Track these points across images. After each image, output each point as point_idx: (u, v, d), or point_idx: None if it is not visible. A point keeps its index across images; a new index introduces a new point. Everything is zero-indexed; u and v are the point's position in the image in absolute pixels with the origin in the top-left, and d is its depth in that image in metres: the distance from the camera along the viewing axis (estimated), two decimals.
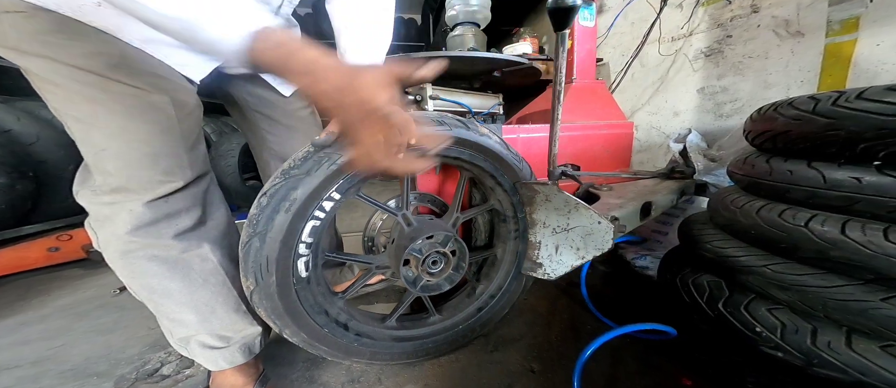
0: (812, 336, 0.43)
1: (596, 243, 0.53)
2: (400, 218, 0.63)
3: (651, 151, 1.57)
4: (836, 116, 0.42)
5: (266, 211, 0.46)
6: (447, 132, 0.54)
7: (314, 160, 0.47)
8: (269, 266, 0.47)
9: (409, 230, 0.62)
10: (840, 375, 0.40)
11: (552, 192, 0.58)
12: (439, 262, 0.62)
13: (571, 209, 0.56)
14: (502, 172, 0.64)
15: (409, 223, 0.63)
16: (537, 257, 0.64)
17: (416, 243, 0.58)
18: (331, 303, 0.59)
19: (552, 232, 0.60)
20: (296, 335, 0.53)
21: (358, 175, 0.50)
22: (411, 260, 0.59)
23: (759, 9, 1.11)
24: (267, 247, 0.46)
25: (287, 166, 0.47)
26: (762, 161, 0.54)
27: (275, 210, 0.46)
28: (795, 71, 1.03)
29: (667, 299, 0.69)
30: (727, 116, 1.24)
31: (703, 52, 1.31)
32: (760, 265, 0.49)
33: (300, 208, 0.47)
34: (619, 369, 0.66)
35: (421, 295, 0.65)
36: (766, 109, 0.55)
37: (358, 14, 0.58)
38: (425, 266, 0.60)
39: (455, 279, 0.65)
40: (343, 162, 0.46)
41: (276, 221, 0.46)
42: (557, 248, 0.60)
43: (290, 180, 0.46)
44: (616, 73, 1.66)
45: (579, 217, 0.55)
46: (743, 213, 0.53)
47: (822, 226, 0.42)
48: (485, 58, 0.99)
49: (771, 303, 0.49)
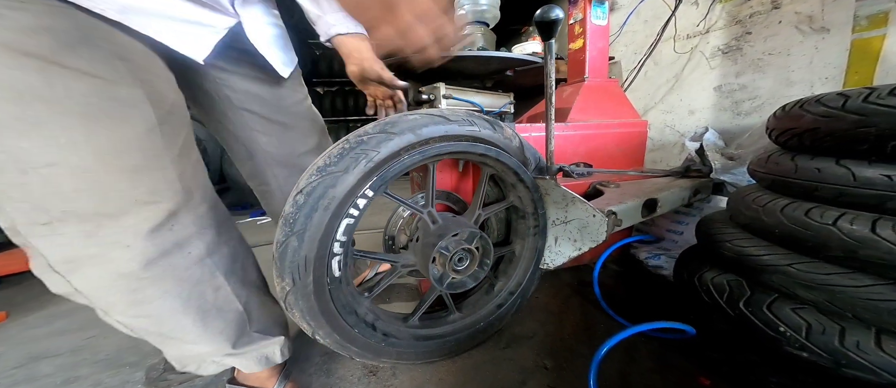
0: (840, 337, 0.42)
1: (591, 235, 0.55)
2: (425, 215, 0.63)
3: (665, 149, 1.54)
4: (867, 113, 0.41)
5: (304, 209, 0.45)
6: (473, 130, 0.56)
7: (352, 157, 0.46)
8: (307, 266, 0.47)
9: (435, 228, 0.62)
10: (870, 376, 0.40)
11: (550, 186, 0.60)
12: (465, 259, 0.62)
13: (568, 203, 0.58)
14: (525, 170, 0.64)
15: (434, 221, 0.63)
16: None
17: (443, 241, 0.58)
18: (359, 302, 0.59)
19: (552, 224, 0.62)
20: (329, 335, 0.53)
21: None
22: (438, 258, 0.59)
23: (780, 5, 1.09)
24: (305, 246, 0.45)
25: (323, 163, 0.46)
26: (787, 159, 0.53)
27: (313, 209, 0.45)
28: (820, 67, 1.00)
29: (683, 298, 0.69)
30: (746, 114, 1.21)
31: (720, 50, 1.28)
32: (785, 264, 0.48)
33: (338, 206, 0.46)
34: (634, 367, 0.65)
35: (444, 293, 0.65)
36: (791, 107, 0.54)
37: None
38: (452, 264, 0.60)
39: (479, 276, 0.65)
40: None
41: (314, 219, 0.45)
42: (556, 239, 0.61)
43: (327, 178, 0.45)
44: (629, 71, 1.63)
45: (576, 210, 0.57)
46: (766, 211, 0.53)
47: (852, 224, 0.41)
48: (499, 57, 0.99)
49: (795, 303, 0.48)
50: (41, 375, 0.73)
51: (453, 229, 0.60)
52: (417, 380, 0.65)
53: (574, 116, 1.03)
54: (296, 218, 0.45)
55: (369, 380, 0.66)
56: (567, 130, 0.97)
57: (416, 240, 0.66)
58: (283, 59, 0.60)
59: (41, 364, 0.77)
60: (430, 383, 0.64)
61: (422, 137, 0.50)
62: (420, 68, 0.48)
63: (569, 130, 0.97)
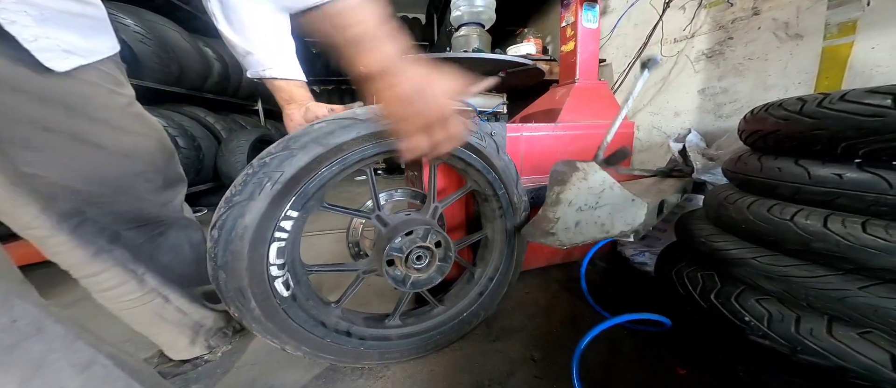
0: (796, 324, 0.46)
1: (626, 218, 0.55)
2: (374, 220, 0.61)
3: (652, 150, 1.59)
4: (821, 117, 0.45)
5: (220, 243, 0.43)
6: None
7: (255, 182, 0.43)
8: (245, 294, 0.46)
9: (386, 231, 0.60)
10: (821, 361, 0.43)
11: (592, 169, 0.60)
12: (424, 257, 0.61)
13: (606, 189, 0.58)
14: (469, 152, 0.62)
15: (384, 224, 0.61)
16: (551, 228, 0.63)
17: (396, 242, 0.57)
18: (326, 314, 0.58)
19: (576, 211, 0.61)
20: (298, 349, 0.54)
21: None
22: (395, 260, 0.58)
23: (759, 11, 1.13)
24: (234, 278, 0.44)
25: (229, 193, 0.43)
26: (754, 159, 0.57)
27: (228, 241, 0.43)
28: (794, 73, 1.05)
29: (663, 292, 0.72)
30: (727, 116, 1.26)
31: (704, 54, 1.33)
32: (749, 258, 0.52)
33: (254, 234, 0.44)
34: (616, 358, 0.69)
35: (409, 292, 0.64)
36: (758, 110, 0.58)
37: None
38: (410, 263, 0.59)
39: (445, 270, 0.65)
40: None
41: (233, 251, 0.43)
42: (578, 223, 0.60)
43: (234, 208, 0.43)
44: (619, 73, 1.68)
45: (612, 196, 0.57)
46: (735, 208, 0.56)
47: (806, 219, 0.45)
48: (490, 59, 1.02)
49: (759, 294, 0.51)
50: None
51: (403, 229, 0.58)
52: (409, 372, 0.67)
53: (564, 116, 1.07)
54: (216, 253, 0.43)
55: (362, 372, 0.68)
56: (557, 131, 1.00)
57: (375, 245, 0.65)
58: (67, 43, 0.40)
59: None
60: (420, 374, 0.67)
61: (331, 146, 0.47)
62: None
63: (559, 131, 1.00)
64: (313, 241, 1.47)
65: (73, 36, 0.41)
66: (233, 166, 2.04)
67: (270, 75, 0.54)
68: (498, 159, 0.67)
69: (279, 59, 0.54)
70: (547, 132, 0.98)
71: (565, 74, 1.21)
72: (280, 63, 0.54)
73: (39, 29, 0.37)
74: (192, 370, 0.68)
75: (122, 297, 0.58)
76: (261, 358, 0.72)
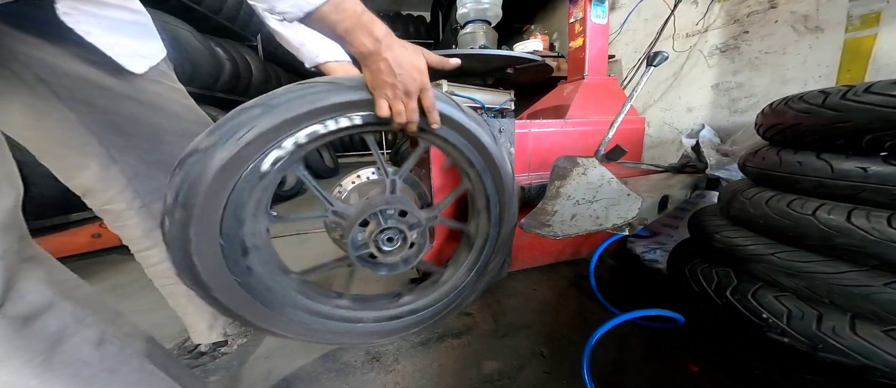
0: (817, 322, 0.45)
1: (620, 212, 0.56)
2: (330, 216, 0.55)
3: (663, 146, 1.56)
4: (845, 109, 0.44)
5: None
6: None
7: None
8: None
9: (390, 196, 0.56)
10: (844, 359, 0.42)
11: (592, 165, 0.62)
12: (395, 240, 0.56)
13: (604, 184, 0.60)
14: (475, 151, 0.58)
15: (393, 190, 0.57)
16: (548, 220, 0.65)
17: (357, 239, 0.53)
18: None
19: (574, 204, 0.63)
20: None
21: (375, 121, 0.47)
22: (371, 222, 0.54)
23: (777, 4, 1.10)
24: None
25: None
26: (772, 153, 0.56)
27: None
28: (813, 66, 1.02)
29: (676, 290, 0.71)
30: (742, 111, 1.23)
31: (718, 48, 1.30)
32: (768, 254, 0.50)
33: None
34: (627, 355, 0.68)
35: (353, 263, 0.56)
36: (777, 104, 0.56)
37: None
38: (379, 238, 0.54)
39: (396, 269, 0.59)
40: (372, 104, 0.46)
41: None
42: (574, 216, 0.62)
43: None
44: (628, 69, 1.65)
45: (609, 191, 0.58)
46: (752, 203, 0.55)
47: (829, 214, 0.44)
48: (500, 55, 1.02)
49: (778, 290, 0.50)
50: None
51: (357, 219, 0.53)
52: (418, 366, 0.68)
53: (573, 112, 1.06)
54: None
55: (373, 365, 0.69)
56: (566, 127, 0.99)
57: (366, 199, 0.60)
58: (134, 49, 0.47)
59: None
60: (430, 368, 0.67)
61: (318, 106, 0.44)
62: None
63: (568, 127, 0.99)
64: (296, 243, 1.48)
65: (137, 41, 0.49)
66: None
67: (322, 60, 0.60)
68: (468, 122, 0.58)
69: (326, 46, 0.60)
70: (556, 128, 0.98)
71: (574, 70, 1.20)
72: (326, 49, 0.60)
73: (111, 38, 0.45)
74: (211, 362, 0.70)
75: (163, 275, 0.64)
76: (274, 351, 0.73)
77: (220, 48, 2.29)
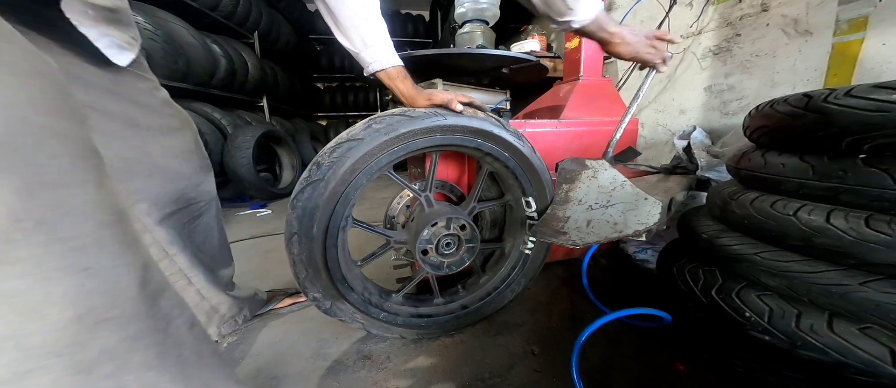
0: (796, 320, 0.46)
1: (639, 217, 0.54)
2: (422, 199, 0.69)
3: (656, 148, 1.58)
4: (826, 112, 0.45)
5: None
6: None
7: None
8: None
9: (429, 211, 0.67)
10: (821, 356, 0.43)
11: (602, 167, 0.62)
12: (452, 244, 0.67)
13: (617, 187, 0.59)
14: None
15: (430, 205, 0.69)
16: (563, 227, 0.63)
17: (428, 231, 0.63)
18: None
19: (587, 209, 0.61)
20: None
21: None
22: (429, 250, 0.66)
23: (768, 7, 1.11)
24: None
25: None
26: (758, 155, 0.57)
27: None
28: (802, 70, 1.04)
29: (665, 289, 0.72)
30: (733, 113, 1.24)
31: (711, 51, 1.31)
32: (751, 253, 0.52)
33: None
34: (616, 353, 0.69)
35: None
36: (763, 106, 0.57)
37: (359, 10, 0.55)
38: (440, 248, 0.65)
39: (466, 260, 0.70)
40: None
41: None
42: (589, 222, 0.60)
43: None
44: (623, 70, 1.66)
45: (624, 194, 0.57)
46: (738, 204, 0.56)
47: (809, 215, 0.45)
48: (494, 55, 1.02)
49: (760, 289, 0.51)
50: None
51: (447, 214, 0.64)
52: (411, 365, 0.69)
53: (568, 113, 1.06)
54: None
55: (364, 363, 0.69)
56: (561, 127, 1.00)
57: (412, 220, 0.70)
58: (118, 38, 0.46)
59: None
60: (422, 367, 0.68)
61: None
62: None
63: (562, 127, 1.00)
64: None
65: (119, 30, 0.46)
66: (238, 161, 2.07)
67: (374, 70, 0.60)
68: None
69: (381, 54, 0.59)
70: (550, 129, 0.99)
71: (570, 70, 1.20)
72: (381, 57, 0.60)
73: (99, 28, 0.43)
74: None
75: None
76: (263, 349, 0.73)
77: (216, 45, 2.27)
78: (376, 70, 0.60)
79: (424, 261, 0.66)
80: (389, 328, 0.71)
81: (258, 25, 2.85)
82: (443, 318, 0.74)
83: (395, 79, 0.61)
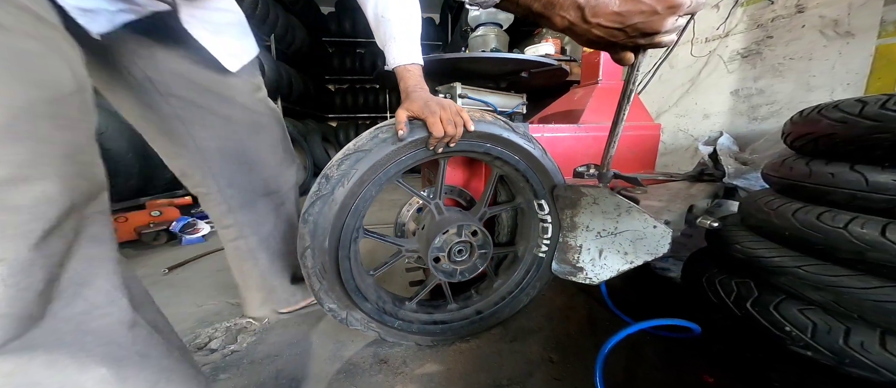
0: (845, 336, 0.43)
1: (649, 247, 0.51)
2: (432, 206, 0.68)
3: (677, 153, 1.53)
4: (884, 120, 0.42)
5: None
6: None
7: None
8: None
9: (440, 218, 0.66)
10: (872, 375, 0.41)
11: (602, 194, 0.56)
12: (464, 251, 0.66)
13: (622, 213, 0.53)
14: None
15: (440, 212, 0.68)
16: (577, 260, 0.62)
17: (439, 238, 0.62)
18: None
19: (596, 236, 0.58)
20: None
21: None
22: (440, 258, 0.65)
23: (804, 9, 1.07)
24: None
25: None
26: (801, 164, 0.54)
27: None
28: (842, 73, 0.99)
29: (689, 299, 0.70)
30: (763, 119, 1.19)
31: (739, 54, 1.26)
32: (794, 266, 0.49)
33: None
34: (639, 363, 0.67)
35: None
36: (808, 112, 0.54)
37: (393, 3, 0.56)
38: (452, 256, 0.64)
39: (479, 267, 0.69)
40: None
41: None
42: (602, 252, 0.58)
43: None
44: (644, 74, 1.62)
45: (630, 221, 0.52)
46: (778, 215, 0.53)
47: (862, 228, 0.42)
48: (515, 59, 1.01)
49: (802, 303, 0.49)
50: None
51: (457, 222, 0.63)
52: (427, 370, 0.68)
53: (586, 118, 1.04)
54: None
55: (381, 367, 0.69)
56: (579, 132, 0.98)
57: (423, 228, 0.70)
58: (233, 48, 0.55)
59: None
60: (438, 373, 0.67)
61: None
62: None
63: (581, 132, 0.98)
64: None
65: (235, 40, 0.57)
66: None
67: (397, 64, 0.59)
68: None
69: (401, 51, 0.59)
70: (569, 133, 0.97)
71: (588, 74, 1.18)
72: (401, 54, 0.59)
73: (215, 39, 0.52)
74: (221, 360, 0.72)
75: (236, 250, 0.74)
76: (283, 351, 0.74)
77: None
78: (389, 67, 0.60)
79: (437, 269, 0.65)
80: (405, 335, 0.70)
81: (274, 28, 2.92)
82: (458, 324, 0.74)
83: (401, 78, 0.59)
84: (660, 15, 0.35)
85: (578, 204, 0.61)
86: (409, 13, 0.58)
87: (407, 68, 0.59)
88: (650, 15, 0.35)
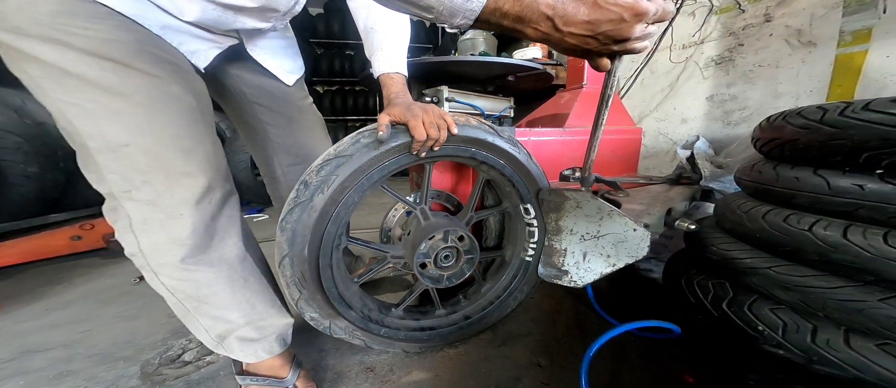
0: (812, 335, 0.45)
1: (629, 250, 0.53)
2: (418, 212, 0.67)
3: (658, 157, 1.58)
4: (843, 126, 0.44)
5: None
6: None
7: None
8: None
9: (426, 224, 0.65)
10: (838, 372, 0.42)
11: (584, 198, 0.57)
12: (451, 256, 0.65)
13: (604, 216, 0.54)
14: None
15: (426, 217, 0.67)
16: (563, 264, 0.63)
17: (425, 244, 0.62)
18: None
19: (580, 239, 0.59)
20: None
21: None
22: (427, 264, 0.64)
23: (772, 18, 1.13)
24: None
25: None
26: (769, 168, 0.56)
27: None
28: (806, 80, 1.05)
29: (671, 300, 0.71)
30: (735, 123, 1.25)
31: (713, 60, 1.32)
32: (765, 267, 0.51)
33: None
34: (624, 365, 0.68)
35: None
36: (775, 118, 0.57)
37: (382, 15, 0.64)
38: (438, 261, 0.63)
39: (466, 272, 0.68)
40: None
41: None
42: (585, 255, 0.59)
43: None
44: (626, 79, 1.67)
45: (612, 224, 0.54)
46: (749, 217, 0.56)
47: (825, 230, 0.44)
48: (502, 62, 1.02)
49: (773, 303, 0.51)
50: (33, 369, 0.73)
51: (443, 227, 0.63)
52: (414, 377, 0.67)
53: (571, 121, 1.06)
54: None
55: (368, 375, 0.67)
56: (565, 136, 0.99)
57: (409, 234, 0.68)
58: (288, 67, 0.70)
59: (34, 358, 0.76)
60: (426, 378, 0.66)
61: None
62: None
63: (567, 136, 1.00)
64: None
65: (289, 61, 0.70)
66: (236, 165, 2.05)
67: (382, 71, 0.65)
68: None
69: (386, 60, 0.65)
70: (555, 137, 0.98)
71: (573, 78, 1.20)
72: (385, 63, 0.65)
73: (274, 60, 0.66)
74: (195, 372, 0.68)
75: None
76: None
77: None
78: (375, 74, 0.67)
79: (423, 275, 0.64)
80: (391, 343, 0.69)
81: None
82: (445, 330, 0.73)
83: (385, 85, 0.64)
84: (627, 22, 0.37)
85: (562, 208, 0.62)
86: (398, 26, 0.65)
87: (390, 76, 0.63)
88: (618, 22, 0.36)
